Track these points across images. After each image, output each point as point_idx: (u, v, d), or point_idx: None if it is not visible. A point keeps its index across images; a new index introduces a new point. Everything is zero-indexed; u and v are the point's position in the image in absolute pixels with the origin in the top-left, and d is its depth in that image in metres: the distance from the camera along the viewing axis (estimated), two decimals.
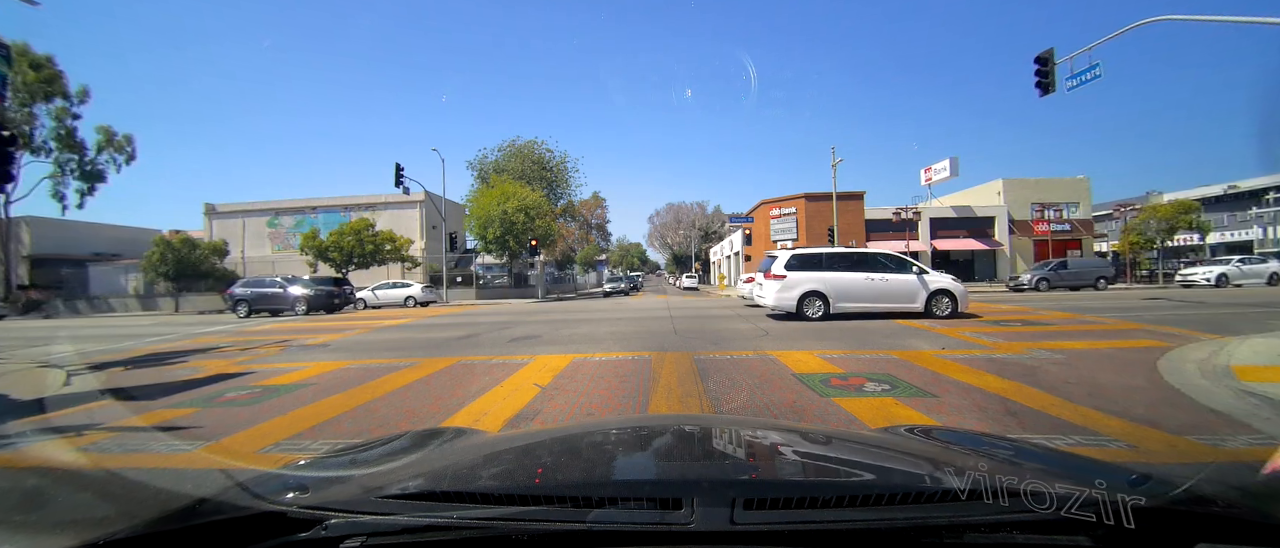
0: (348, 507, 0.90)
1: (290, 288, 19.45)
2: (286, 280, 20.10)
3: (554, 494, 0.99)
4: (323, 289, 19.86)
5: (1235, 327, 8.27)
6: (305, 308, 18.89)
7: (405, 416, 4.34)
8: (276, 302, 19.29)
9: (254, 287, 19.93)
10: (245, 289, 19.85)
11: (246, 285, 20.20)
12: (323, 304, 19.26)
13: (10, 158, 6.28)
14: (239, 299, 19.52)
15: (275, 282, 19.98)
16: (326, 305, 19.38)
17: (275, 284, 19.75)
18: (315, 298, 19.18)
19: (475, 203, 32.19)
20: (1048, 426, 3.58)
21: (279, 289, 19.44)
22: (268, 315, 19.15)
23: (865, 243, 32.23)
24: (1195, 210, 30.79)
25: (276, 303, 19.28)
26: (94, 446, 3.77)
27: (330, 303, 19.54)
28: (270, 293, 19.43)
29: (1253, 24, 10.28)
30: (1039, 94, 12.49)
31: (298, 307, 18.93)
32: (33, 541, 0.80)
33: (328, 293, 19.80)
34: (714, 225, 72.81)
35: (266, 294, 19.41)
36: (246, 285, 20.20)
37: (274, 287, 19.60)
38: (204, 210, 38.86)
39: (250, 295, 19.46)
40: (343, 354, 8.21)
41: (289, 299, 19.12)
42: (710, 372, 5.68)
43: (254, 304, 19.35)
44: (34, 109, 28.15)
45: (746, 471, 1.26)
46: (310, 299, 19.06)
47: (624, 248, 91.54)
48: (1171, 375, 4.99)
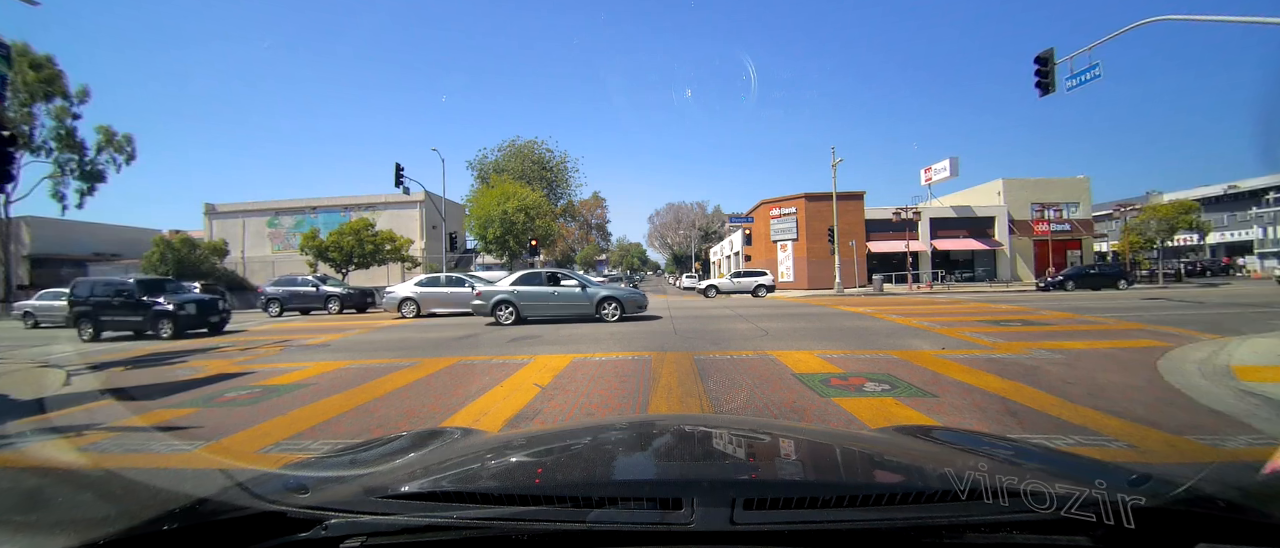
0: (348, 507, 0.90)
1: (323, 287, 20.08)
2: (319, 280, 20.68)
3: (554, 494, 0.99)
4: (355, 289, 20.57)
5: (1235, 327, 8.28)
6: (339, 306, 19.41)
7: (405, 416, 4.34)
8: (309, 300, 19.83)
9: (287, 285, 20.46)
10: (278, 288, 20.31)
11: (279, 284, 20.68)
12: (355, 303, 19.81)
13: (10, 158, 6.28)
14: (272, 298, 19.99)
15: (309, 281, 20.52)
16: (359, 305, 19.92)
17: (308, 283, 20.29)
18: (349, 297, 19.75)
19: (475, 203, 32.24)
20: (1048, 425, 3.58)
21: (312, 288, 20.04)
22: (298, 314, 19.63)
23: (866, 243, 32.24)
24: (1195, 210, 30.78)
25: (309, 301, 19.81)
26: (94, 445, 3.77)
27: (362, 302, 20.10)
28: (303, 292, 20.01)
29: (1253, 24, 10.28)
30: (1039, 94, 12.48)
31: (331, 305, 19.43)
32: (33, 541, 0.80)
33: (361, 292, 20.43)
34: (714, 225, 72.79)
35: (299, 293, 19.97)
36: (279, 284, 20.68)
37: (307, 286, 20.16)
38: (204, 210, 38.87)
39: (283, 294, 19.96)
40: (343, 354, 8.21)
41: (321, 297, 19.65)
42: (710, 372, 5.68)
43: (287, 303, 19.83)
44: (34, 109, 28.15)
45: (746, 471, 1.26)
46: (343, 298, 19.59)
47: (624, 248, 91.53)
48: (1171, 375, 4.99)
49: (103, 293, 12.94)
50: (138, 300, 12.56)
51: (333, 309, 19.29)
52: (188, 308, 12.56)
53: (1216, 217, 46.55)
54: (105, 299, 12.81)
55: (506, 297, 12.21)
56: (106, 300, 12.81)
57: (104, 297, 12.85)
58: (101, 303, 12.80)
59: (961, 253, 34.35)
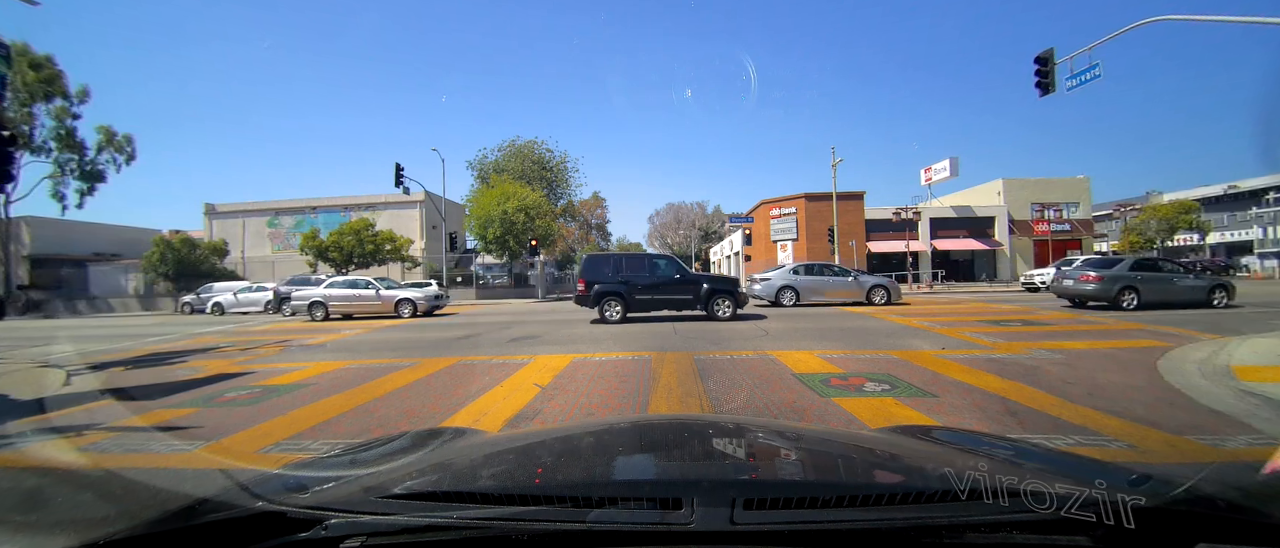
0: (348, 507, 0.90)
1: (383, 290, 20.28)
2: (382, 283, 20.82)
3: (554, 494, 0.99)
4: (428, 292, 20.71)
5: (1235, 327, 8.28)
6: (411, 310, 19.49)
7: (405, 415, 4.34)
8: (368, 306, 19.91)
9: (301, 285, 20.59)
10: (291, 288, 20.32)
11: (292, 284, 20.82)
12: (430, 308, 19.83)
13: (10, 158, 6.29)
14: (284, 298, 19.97)
15: (320, 281, 20.64)
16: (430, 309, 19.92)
17: (320, 283, 20.28)
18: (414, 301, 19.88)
19: (475, 203, 32.18)
20: (1048, 425, 3.58)
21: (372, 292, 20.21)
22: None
23: (866, 243, 32.22)
24: (1195, 210, 30.85)
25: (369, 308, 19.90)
26: (94, 445, 3.77)
27: (433, 305, 20.10)
28: (362, 294, 20.13)
29: (1253, 24, 10.28)
30: (1039, 94, 12.48)
31: (402, 309, 19.53)
32: (33, 541, 0.80)
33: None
34: (714, 225, 72.78)
35: (358, 295, 20.03)
36: (292, 284, 20.82)
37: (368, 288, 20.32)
38: (204, 210, 38.85)
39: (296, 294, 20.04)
40: (343, 354, 8.21)
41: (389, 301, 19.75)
42: (710, 372, 5.68)
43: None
44: (34, 109, 28.16)
45: (746, 471, 1.26)
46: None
47: (624, 248, 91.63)
48: (1171, 375, 4.99)
49: None
50: None
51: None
52: None
53: (1216, 217, 46.55)
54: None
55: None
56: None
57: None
58: None
59: (962, 253, 34.35)
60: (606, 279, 11.62)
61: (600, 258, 12.29)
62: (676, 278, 11.79)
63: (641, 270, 11.88)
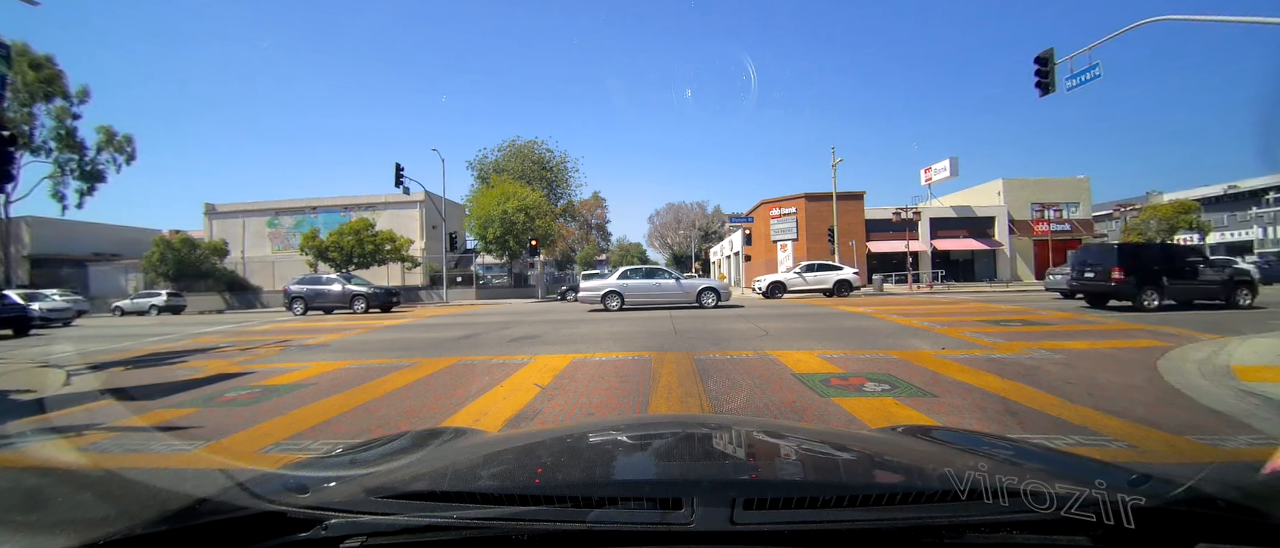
0: (348, 507, 0.90)
1: (348, 286, 20.45)
2: (344, 278, 20.99)
3: (554, 494, 0.99)
4: (379, 289, 20.88)
5: (1235, 327, 8.28)
6: (365, 305, 19.68)
7: (405, 415, 4.34)
8: (333, 299, 20.05)
9: (311, 284, 20.67)
10: (301, 287, 20.43)
11: (303, 283, 20.82)
12: (380, 303, 19.99)
13: (10, 158, 6.29)
14: (295, 296, 20.09)
15: (333, 279, 20.75)
16: (384, 304, 20.10)
17: (333, 282, 20.53)
18: (374, 296, 19.98)
19: (475, 203, 32.23)
20: (1048, 425, 3.58)
21: (338, 288, 20.40)
22: (321, 313, 19.79)
23: (866, 243, 32.23)
24: (1195, 210, 30.84)
25: (333, 300, 20.02)
26: (94, 445, 3.77)
27: (387, 301, 20.27)
28: (327, 290, 20.30)
29: (1253, 24, 10.29)
30: (1039, 94, 12.50)
31: (356, 304, 19.68)
32: (33, 541, 0.80)
33: (385, 291, 20.71)
34: (714, 225, 72.74)
35: (323, 292, 20.22)
36: (303, 283, 20.82)
37: (333, 284, 20.48)
38: (204, 210, 38.86)
39: (307, 293, 20.18)
40: (343, 354, 8.21)
41: (346, 296, 19.88)
42: (710, 372, 5.68)
43: (311, 301, 20.04)
44: (34, 109, 28.19)
45: (746, 471, 1.26)
46: (369, 297, 19.84)
47: (624, 248, 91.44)
48: (1171, 375, 4.99)
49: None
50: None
51: (358, 308, 19.58)
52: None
53: (1216, 216, 46.53)
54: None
55: None
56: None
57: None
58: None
59: (961, 253, 34.37)
60: None
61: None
62: None
63: None
